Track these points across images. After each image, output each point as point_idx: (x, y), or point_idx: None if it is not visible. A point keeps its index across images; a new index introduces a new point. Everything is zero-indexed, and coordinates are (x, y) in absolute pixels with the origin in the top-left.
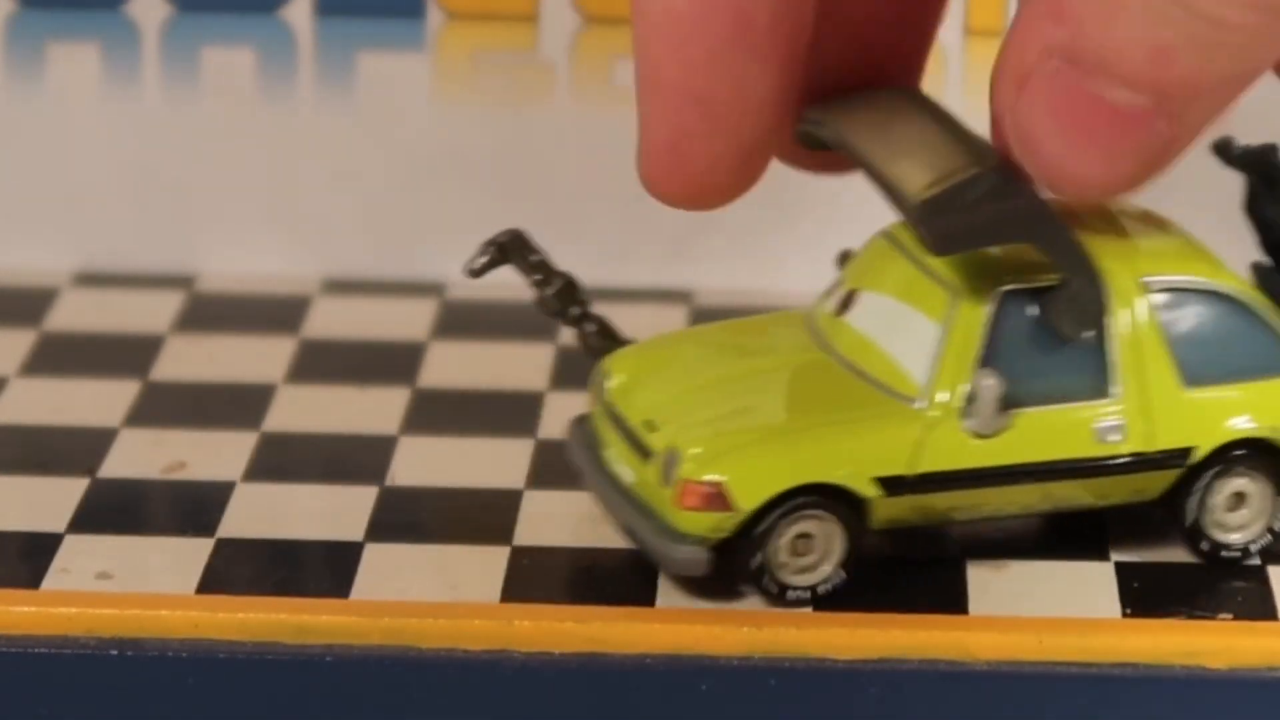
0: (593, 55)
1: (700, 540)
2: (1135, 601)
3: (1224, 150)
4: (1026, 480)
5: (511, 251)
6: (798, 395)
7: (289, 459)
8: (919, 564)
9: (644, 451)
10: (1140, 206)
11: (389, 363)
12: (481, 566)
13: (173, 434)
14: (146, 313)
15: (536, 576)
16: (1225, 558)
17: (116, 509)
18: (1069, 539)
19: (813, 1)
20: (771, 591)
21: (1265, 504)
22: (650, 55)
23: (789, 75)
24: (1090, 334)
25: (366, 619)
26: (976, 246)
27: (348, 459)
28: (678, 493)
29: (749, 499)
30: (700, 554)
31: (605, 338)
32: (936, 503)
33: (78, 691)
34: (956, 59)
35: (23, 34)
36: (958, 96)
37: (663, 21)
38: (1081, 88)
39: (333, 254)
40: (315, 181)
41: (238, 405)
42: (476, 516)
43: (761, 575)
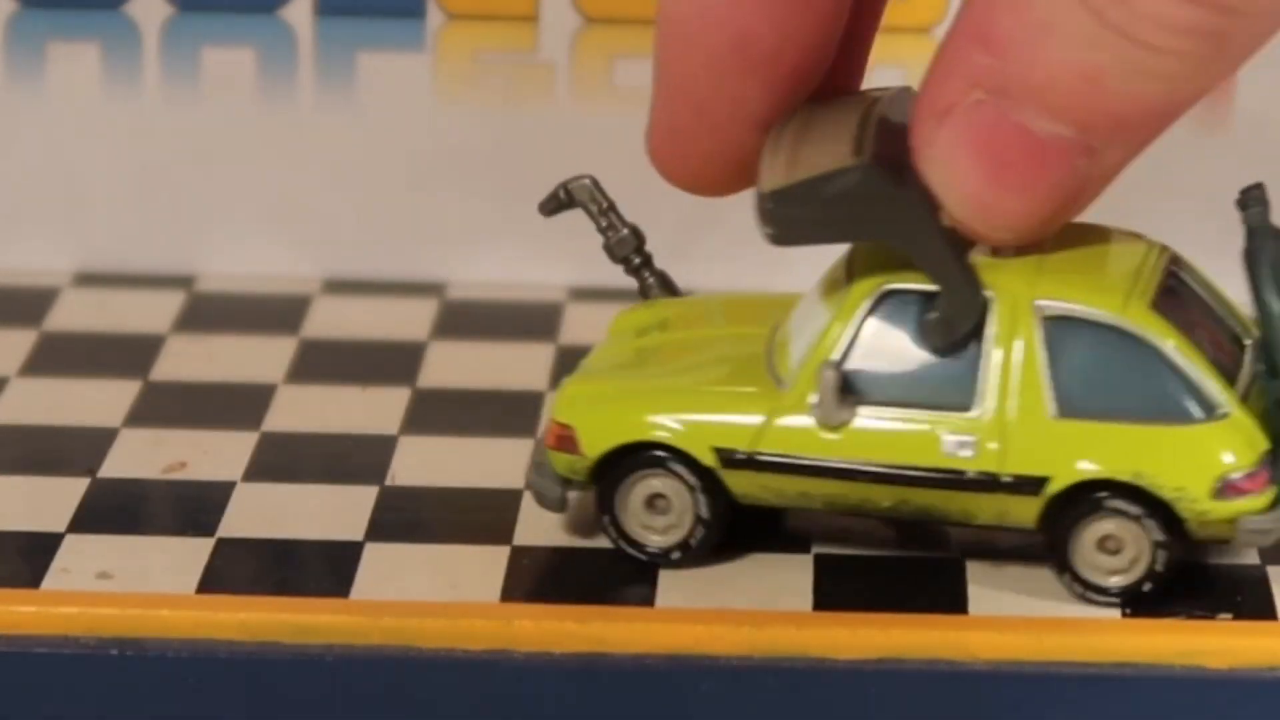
0: (593, 55)
1: (562, 480)
2: (1135, 602)
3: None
4: (869, 480)
5: (579, 196)
6: (698, 363)
7: (289, 459)
8: (919, 564)
9: None
10: (1133, 232)
11: (389, 363)
12: (481, 566)
13: (173, 434)
14: (146, 313)
15: (536, 576)
16: (1097, 601)
17: (116, 509)
18: None
19: (835, 36)
20: (623, 548)
21: (1140, 550)
22: (659, 49)
23: (790, 97)
24: (953, 345)
25: (366, 619)
26: (820, 241)
27: (348, 459)
28: (546, 429)
29: (592, 447)
30: (554, 489)
31: (663, 288)
32: (785, 485)
33: (78, 691)
34: None
35: (23, 34)
36: None
37: (668, 23)
38: (1006, 119)
39: (333, 254)
40: (315, 181)
41: (238, 405)
42: (476, 516)
43: (611, 529)
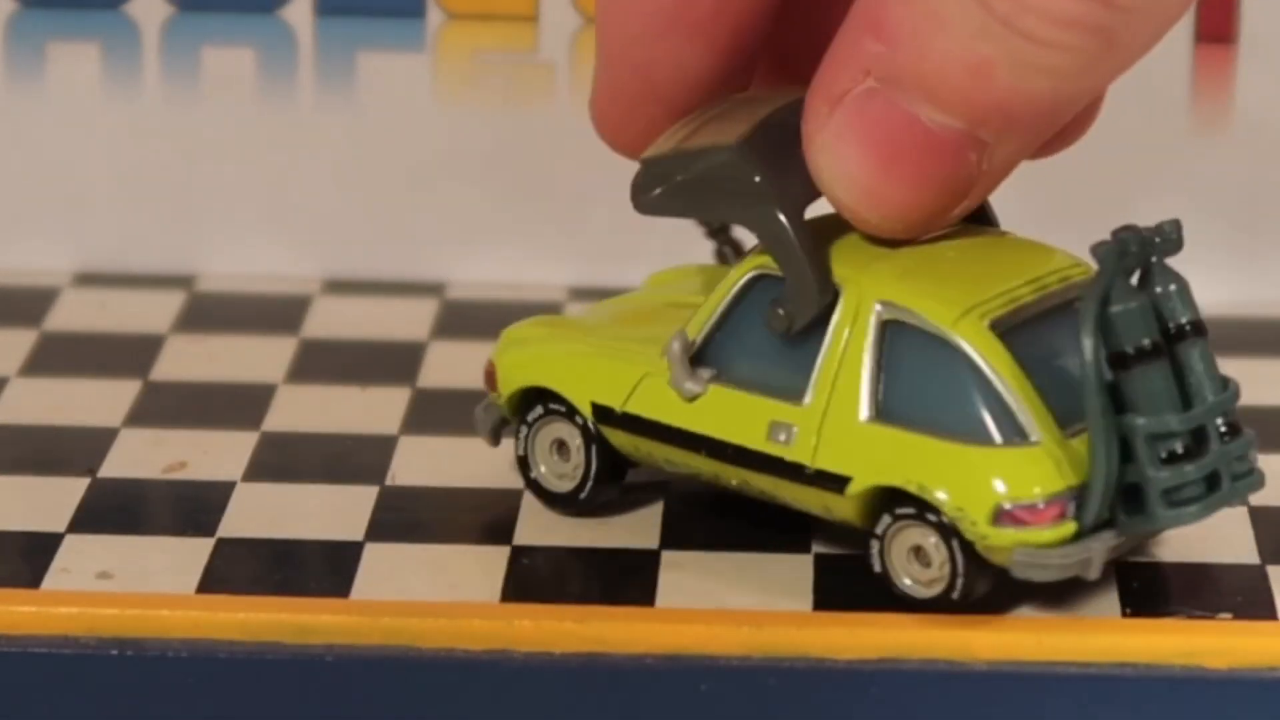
0: (593, 55)
1: (500, 417)
2: (1135, 601)
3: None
4: (707, 453)
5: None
6: (631, 323)
7: (289, 459)
8: None
9: None
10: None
11: (389, 363)
12: (481, 566)
13: (173, 434)
14: (146, 313)
15: (536, 576)
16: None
17: (116, 509)
18: None
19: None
20: (534, 490)
21: (944, 562)
22: (600, 13)
23: (732, 59)
24: (795, 334)
25: (366, 619)
26: (678, 214)
27: (348, 459)
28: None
29: (504, 386)
30: (487, 422)
31: (738, 255)
32: (652, 449)
33: (78, 691)
34: None
35: (23, 34)
36: None
37: None
38: (896, 108)
39: (333, 254)
40: (315, 181)
41: (238, 405)
42: (476, 516)
43: (521, 468)
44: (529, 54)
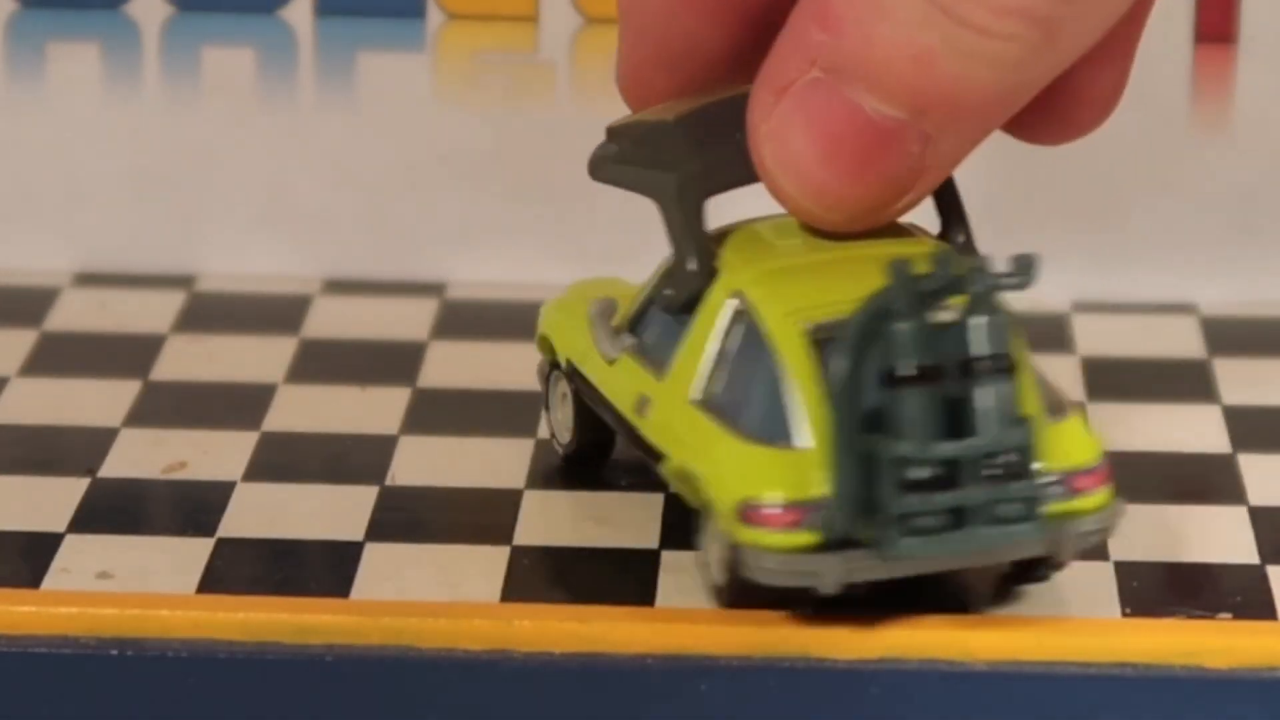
0: (593, 55)
1: (543, 367)
2: (1135, 601)
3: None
4: (612, 418)
5: None
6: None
7: (289, 459)
8: None
9: None
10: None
11: (389, 363)
12: (481, 566)
13: (173, 434)
14: (146, 313)
15: (536, 576)
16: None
17: (116, 509)
18: None
19: None
20: (553, 440)
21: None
22: None
23: (743, 37)
24: (675, 312)
25: (366, 619)
26: (613, 183)
27: (348, 459)
28: None
29: (540, 337)
30: (540, 372)
31: None
32: (599, 407)
33: (78, 691)
34: None
35: (23, 34)
36: None
37: None
38: (840, 97)
39: (333, 254)
40: (315, 181)
41: (238, 405)
42: (476, 516)
43: (545, 418)
44: (529, 54)
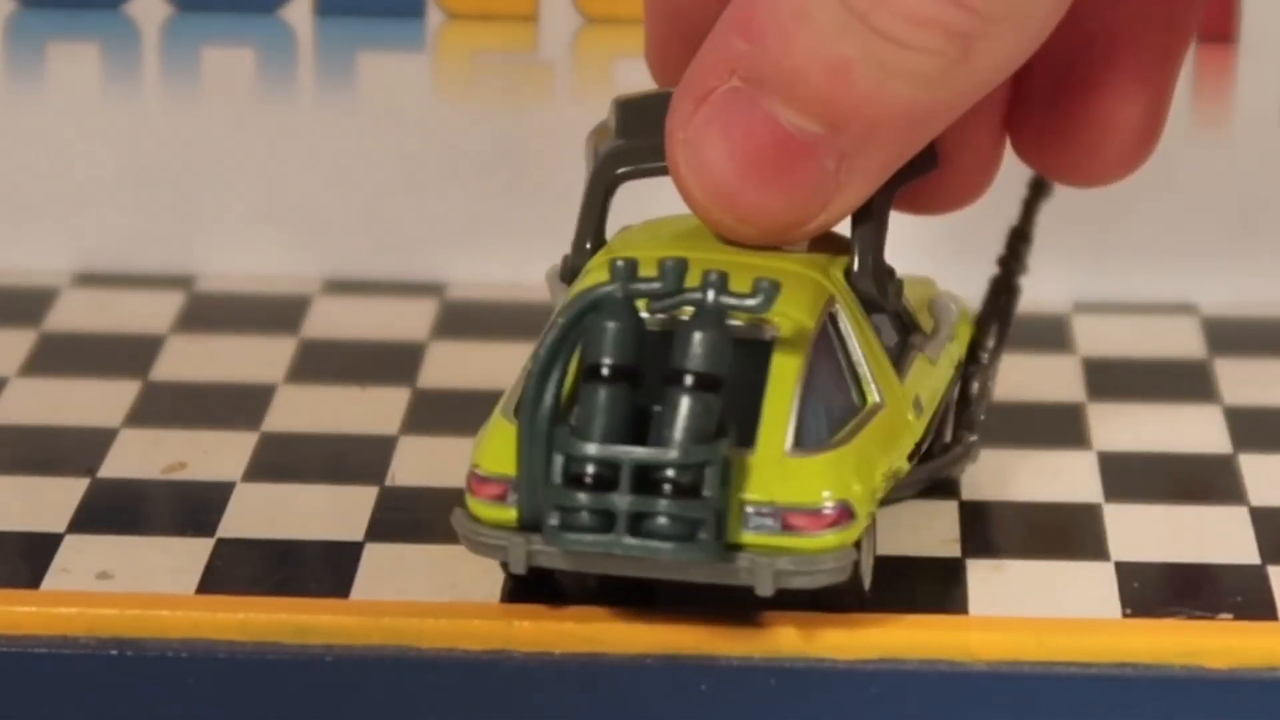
0: (593, 55)
1: None
2: (1135, 601)
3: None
4: None
5: None
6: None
7: (289, 459)
8: (919, 564)
9: None
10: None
11: (389, 363)
12: (481, 566)
13: (173, 434)
14: (146, 313)
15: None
16: None
17: (116, 509)
18: (1069, 539)
19: None
20: None
21: None
22: None
23: None
24: (563, 279)
25: (366, 619)
26: (587, 160)
27: (348, 459)
28: None
29: None
30: None
31: None
32: None
33: (78, 691)
34: None
35: (23, 34)
36: None
37: None
38: (758, 109)
39: (333, 254)
40: (315, 181)
41: (238, 405)
42: None
43: None
44: (529, 54)
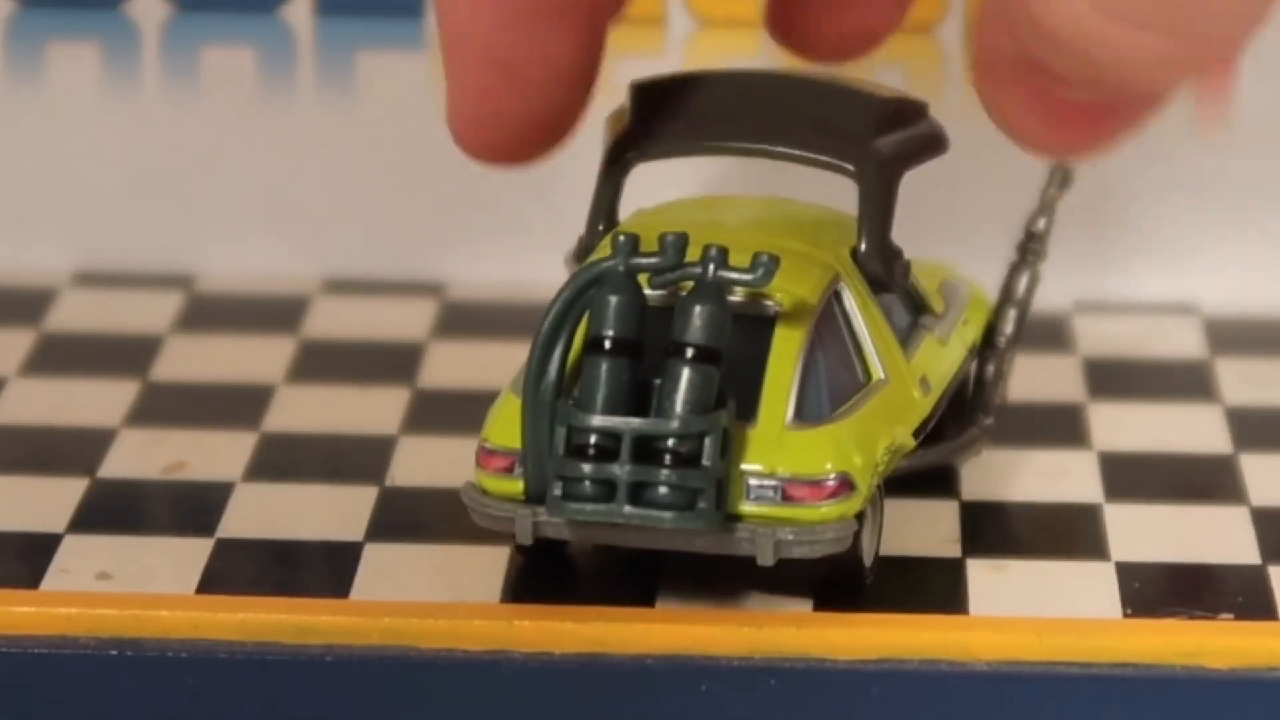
0: None
1: None
2: (1135, 601)
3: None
4: None
5: None
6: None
7: (289, 459)
8: (919, 564)
9: None
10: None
11: (389, 363)
12: (481, 566)
13: (173, 434)
14: (146, 313)
15: (536, 576)
16: None
17: (116, 509)
18: (1069, 539)
19: None
20: None
21: None
22: (456, 14)
23: (591, 47)
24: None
25: (366, 619)
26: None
27: (348, 459)
28: None
29: None
30: None
31: None
32: None
33: (78, 691)
34: (956, 57)
35: (23, 34)
36: (956, 93)
37: None
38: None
39: (333, 254)
40: (315, 181)
41: (238, 405)
42: None
43: None
44: None
